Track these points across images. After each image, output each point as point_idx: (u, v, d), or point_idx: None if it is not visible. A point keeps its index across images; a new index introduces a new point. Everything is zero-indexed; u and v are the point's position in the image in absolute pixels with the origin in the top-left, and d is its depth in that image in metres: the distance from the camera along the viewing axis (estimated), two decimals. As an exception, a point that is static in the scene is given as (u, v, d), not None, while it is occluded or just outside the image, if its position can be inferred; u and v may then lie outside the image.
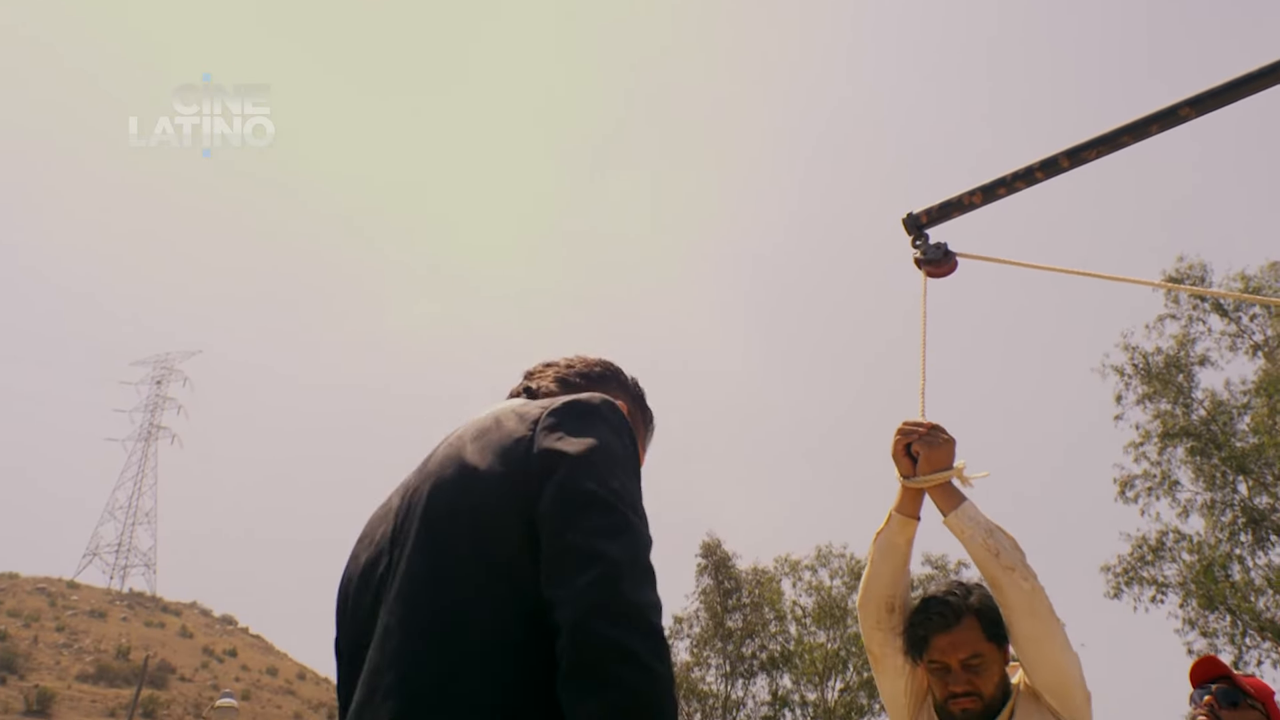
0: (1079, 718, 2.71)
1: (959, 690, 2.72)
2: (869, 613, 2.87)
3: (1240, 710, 3.34)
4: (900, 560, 2.83)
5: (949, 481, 2.77)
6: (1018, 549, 2.69)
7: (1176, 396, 25.85)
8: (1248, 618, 24.82)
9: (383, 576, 1.70)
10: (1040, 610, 2.66)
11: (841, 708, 28.51)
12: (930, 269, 3.17)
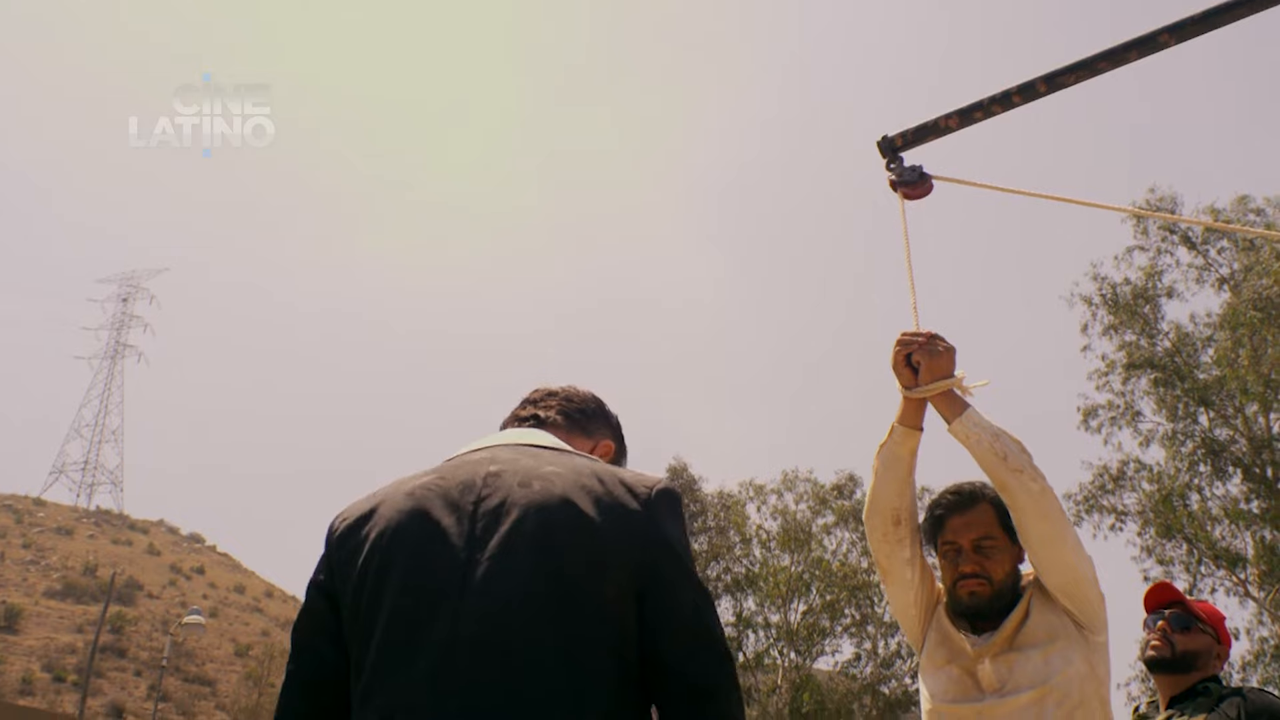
0: (1095, 618, 2.71)
1: (968, 570, 2.73)
2: (875, 525, 2.85)
3: (1192, 634, 3.41)
4: (904, 472, 2.81)
5: (951, 390, 2.74)
6: (1025, 451, 2.67)
7: (1142, 328, 26.03)
8: (1204, 546, 25.23)
9: (458, 576, 1.82)
10: (1051, 512, 2.65)
11: (804, 629, 28.88)
12: (906, 191, 3.16)
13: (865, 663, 29.04)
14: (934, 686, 2.79)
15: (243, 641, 66.48)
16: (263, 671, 55.18)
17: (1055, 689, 2.60)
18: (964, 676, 2.73)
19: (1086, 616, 2.70)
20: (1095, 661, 2.68)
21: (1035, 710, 2.59)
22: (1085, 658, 2.66)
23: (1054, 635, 2.67)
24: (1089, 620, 2.70)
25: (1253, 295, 24.13)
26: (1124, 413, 26.03)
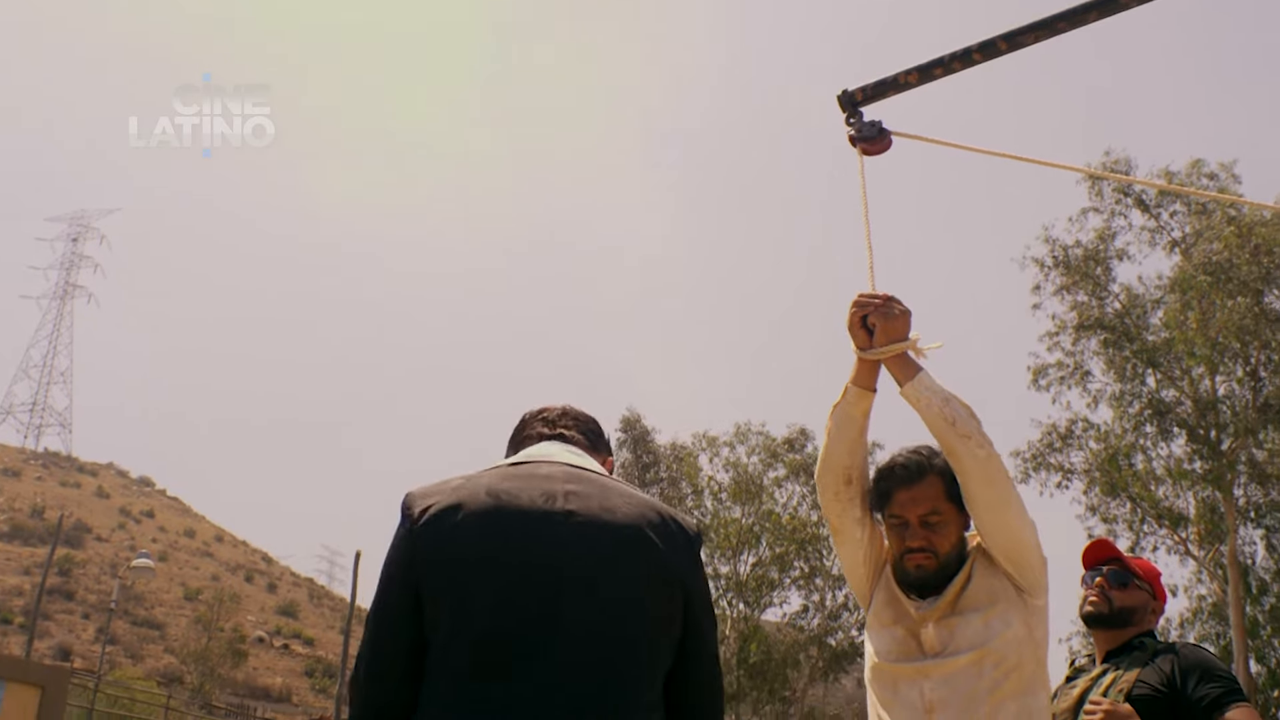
0: (1035, 582, 2.76)
1: (915, 545, 2.76)
2: (827, 484, 2.89)
3: (1129, 590, 3.47)
4: (857, 432, 2.84)
5: (905, 353, 2.77)
6: (974, 417, 2.71)
7: (1093, 289, 26.23)
8: (1147, 505, 25.61)
9: (560, 584, 2.03)
10: (997, 477, 2.69)
11: (754, 581, 29.12)
12: (865, 146, 3.16)
13: (813, 615, 29.36)
14: (878, 645, 2.86)
15: (192, 586, 66.25)
16: (212, 616, 55.06)
17: (993, 651, 2.66)
18: (908, 638, 2.79)
19: (1027, 580, 2.75)
20: (1034, 624, 2.74)
21: (974, 671, 2.66)
22: (1024, 621, 2.72)
23: (995, 599, 2.73)
24: (1029, 584, 2.75)
25: (1203, 259, 24.38)
26: (1073, 373, 26.28)
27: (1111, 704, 3.14)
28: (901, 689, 2.75)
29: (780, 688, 28.15)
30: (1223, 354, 24.51)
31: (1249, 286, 23.81)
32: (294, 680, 59.13)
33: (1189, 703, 3.15)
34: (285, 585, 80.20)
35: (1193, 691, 3.16)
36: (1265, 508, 25.26)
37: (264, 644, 62.04)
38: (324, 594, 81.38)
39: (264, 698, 52.49)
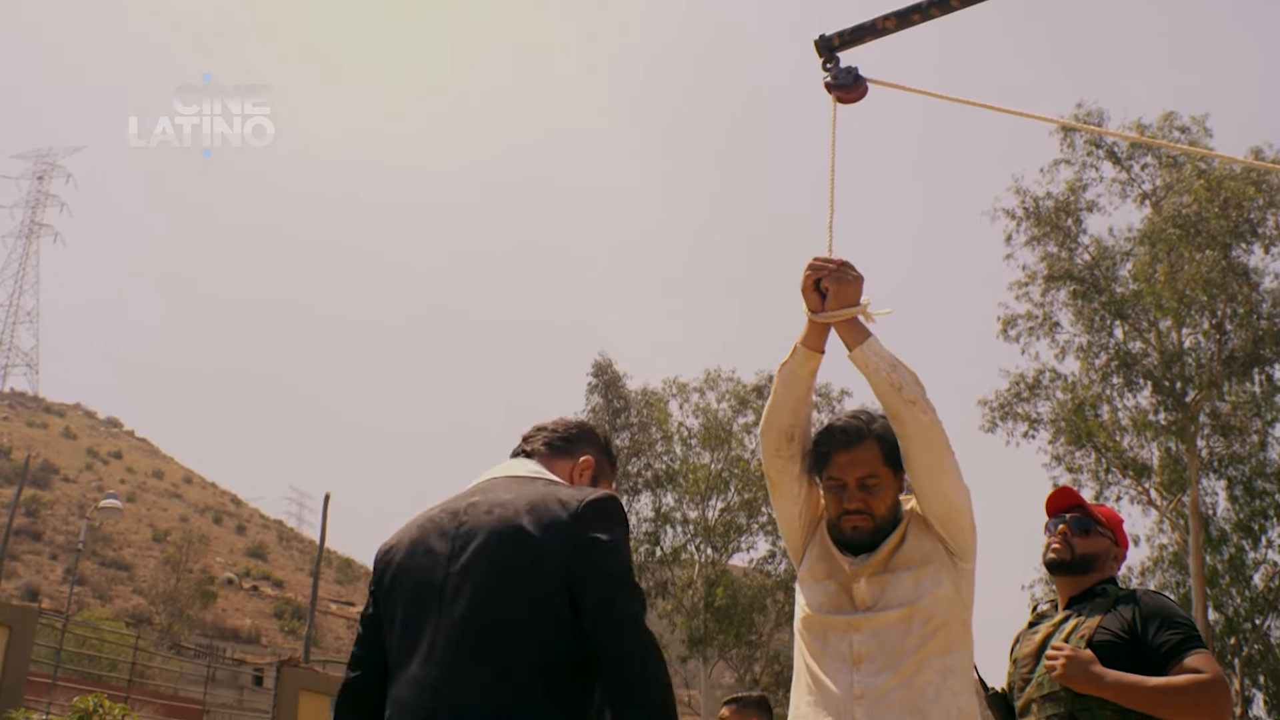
0: (965, 546, 2.84)
1: (852, 507, 2.83)
2: (769, 440, 2.94)
3: (1092, 537, 3.51)
4: (802, 391, 2.90)
5: (855, 317, 2.81)
6: (919, 384, 2.77)
7: (1063, 240, 26.32)
8: (1111, 455, 25.88)
9: (441, 585, 2.37)
10: (937, 443, 2.76)
11: (721, 526, 29.29)
12: (840, 94, 3.15)
13: (779, 560, 29.57)
14: (810, 597, 2.93)
15: (161, 527, 66.20)
16: (181, 557, 55.07)
17: (922, 609, 2.75)
18: (840, 592, 2.86)
19: (958, 545, 2.83)
20: (962, 587, 2.83)
21: (902, 627, 2.74)
22: (953, 582, 2.81)
23: (927, 559, 2.81)
24: (960, 548, 2.84)
25: (1173, 212, 24.49)
26: (1042, 323, 26.43)
27: (1073, 649, 3.19)
28: (831, 640, 2.83)
29: (746, 632, 28.41)
30: (1189, 307, 24.69)
31: (1217, 240, 23.97)
32: (263, 622, 59.32)
33: (1149, 649, 3.20)
34: (254, 527, 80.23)
35: (1153, 638, 3.21)
36: (1227, 459, 25.58)
37: (233, 585, 62.14)
38: (293, 536, 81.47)
39: (233, 639, 52.64)
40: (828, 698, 2.78)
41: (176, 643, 42.54)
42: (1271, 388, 25.23)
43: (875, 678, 2.71)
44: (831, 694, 2.77)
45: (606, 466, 2.82)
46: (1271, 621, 25.61)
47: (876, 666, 2.72)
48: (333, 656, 46.47)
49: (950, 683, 2.73)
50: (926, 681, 2.70)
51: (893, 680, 2.70)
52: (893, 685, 2.69)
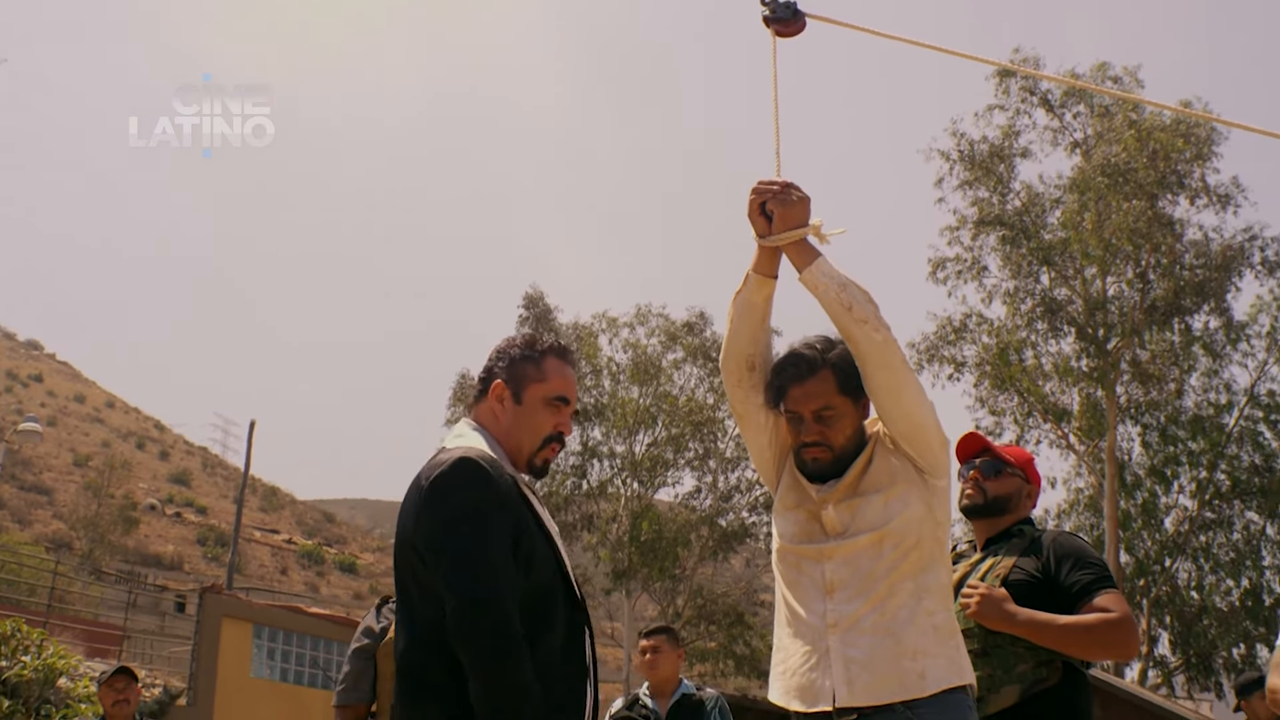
0: (935, 462, 2.84)
1: (810, 440, 2.82)
2: (730, 371, 2.92)
3: (1003, 479, 3.57)
4: (758, 319, 2.87)
5: (804, 239, 2.78)
6: (871, 302, 2.74)
7: (995, 185, 26.52)
8: (1033, 400, 26.31)
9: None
10: (893, 362, 2.74)
11: (648, 460, 29.40)
12: (778, 28, 3.12)
13: (705, 496, 29.78)
14: (783, 528, 2.93)
15: (82, 452, 65.26)
16: (102, 482, 54.35)
17: (893, 532, 2.75)
18: (810, 520, 2.86)
19: (927, 462, 2.83)
20: (934, 504, 2.83)
21: (873, 552, 2.75)
22: (924, 500, 2.80)
23: (894, 480, 2.80)
24: (929, 465, 2.83)
25: (1102, 161, 24.74)
26: (970, 267, 26.67)
27: (988, 588, 3.26)
28: (805, 570, 2.84)
29: (670, 565, 28.64)
30: (1115, 256, 25.04)
31: (1144, 190, 24.27)
32: (186, 548, 58.86)
33: (1061, 588, 3.28)
34: (178, 453, 79.32)
35: (1065, 577, 3.29)
36: (1144, 406, 26.10)
37: (155, 512, 61.53)
38: (218, 463, 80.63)
39: (155, 565, 52.21)
40: (803, 628, 2.80)
41: (97, 568, 42.07)
42: (1190, 337, 25.73)
43: (848, 605, 2.73)
44: (807, 624, 2.79)
45: (522, 370, 2.72)
46: (1180, 564, 26.30)
47: (849, 594, 2.73)
48: (256, 584, 46.33)
49: (925, 603, 2.74)
50: (899, 604, 2.72)
51: (865, 607, 2.71)
52: (865, 611, 2.71)
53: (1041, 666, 3.21)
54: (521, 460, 2.68)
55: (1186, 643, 25.64)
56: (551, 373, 2.73)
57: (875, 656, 2.67)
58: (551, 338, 2.81)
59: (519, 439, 2.68)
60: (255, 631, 16.15)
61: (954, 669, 2.73)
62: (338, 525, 78.86)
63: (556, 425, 2.71)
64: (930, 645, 2.70)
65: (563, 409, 2.72)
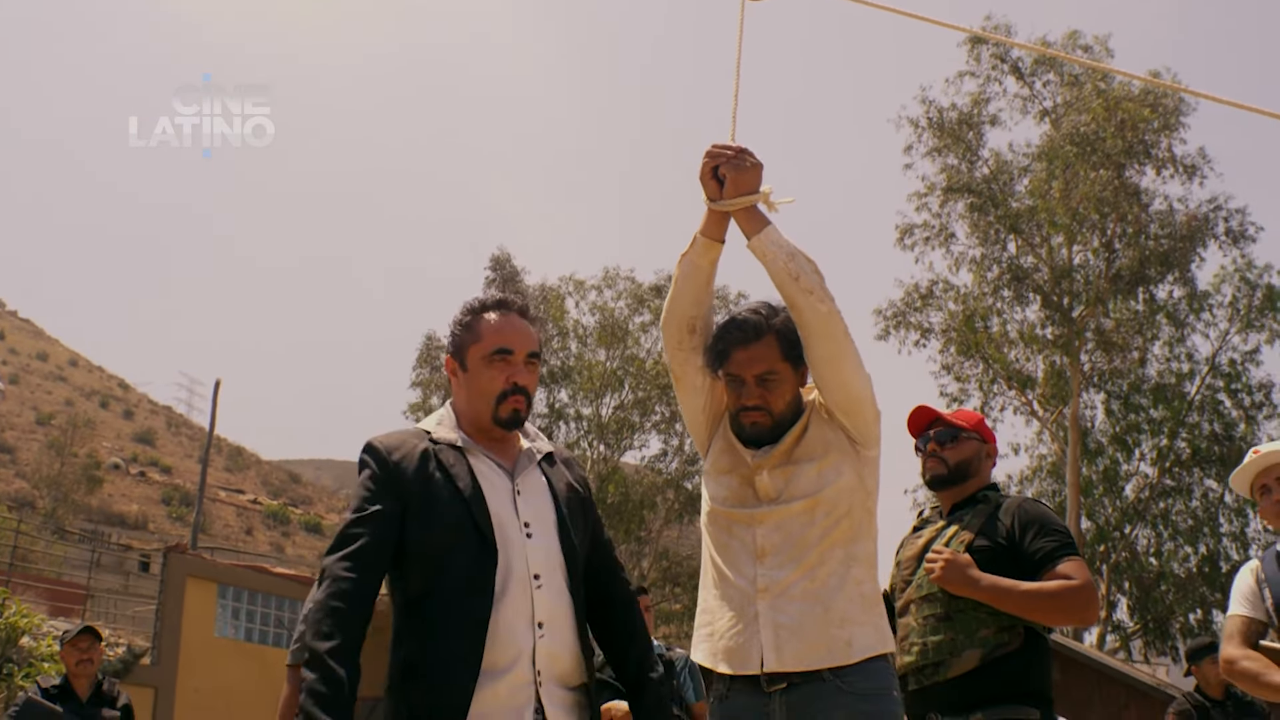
0: (868, 434, 2.85)
1: (750, 404, 2.82)
2: (671, 332, 2.93)
3: (960, 444, 3.59)
4: (703, 282, 2.87)
5: (754, 206, 2.78)
6: (817, 273, 2.75)
7: (964, 153, 26.57)
8: (998, 367, 26.48)
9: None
10: (835, 333, 2.74)
11: (614, 423, 29.44)
12: None
13: (671, 459, 29.86)
14: (715, 491, 2.94)
15: (45, 410, 64.78)
16: (65, 440, 54.00)
17: (825, 500, 2.77)
18: (743, 485, 2.87)
19: (861, 432, 2.84)
20: (865, 475, 2.85)
21: (805, 519, 2.77)
22: (855, 471, 2.82)
23: (828, 449, 2.82)
24: (863, 436, 2.85)
25: (1071, 130, 24.82)
26: (938, 234, 26.75)
27: (952, 553, 3.29)
28: (736, 533, 2.85)
29: (636, 528, 28.75)
30: (1081, 224, 25.17)
31: (1112, 160, 24.38)
32: (150, 508, 58.62)
33: (1025, 554, 3.31)
34: (142, 413, 78.87)
35: (1029, 544, 3.32)
36: (1108, 374, 26.32)
37: (120, 471, 61.20)
38: (183, 422, 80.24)
39: (119, 524, 51.94)
40: (732, 591, 2.81)
41: (60, 527, 41.84)
42: (1154, 307, 25.93)
43: (779, 571, 2.74)
44: (736, 587, 2.80)
45: (461, 339, 2.78)
46: (1139, 531, 26.63)
47: (780, 560, 2.75)
48: (221, 544, 46.22)
49: (854, 571, 2.77)
50: (830, 572, 2.74)
51: (796, 573, 2.73)
52: (796, 578, 2.72)
53: (1003, 631, 3.25)
54: (486, 421, 2.71)
55: (1144, 608, 25.99)
56: (486, 330, 2.74)
57: (804, 623, 2.70)
58: (491, 294, 2.83)
59: (474, 405, 2.73)
60: (220, 591, 16.13)
61: (879, 637, 2.77)
62: (303, 485, 78.75)
63: (507, 378, 2.70)
64: (858, 613, 2.74)
65: (508, 360, 2.72)
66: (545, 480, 2.75)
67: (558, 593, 2.61)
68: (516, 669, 2.50)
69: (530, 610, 2.55)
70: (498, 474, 2.68)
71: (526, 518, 2.64)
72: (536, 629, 2.54)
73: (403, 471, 2.60)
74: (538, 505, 2.69)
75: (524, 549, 2.59)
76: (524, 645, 2.52)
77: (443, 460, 2.65)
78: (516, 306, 2.80)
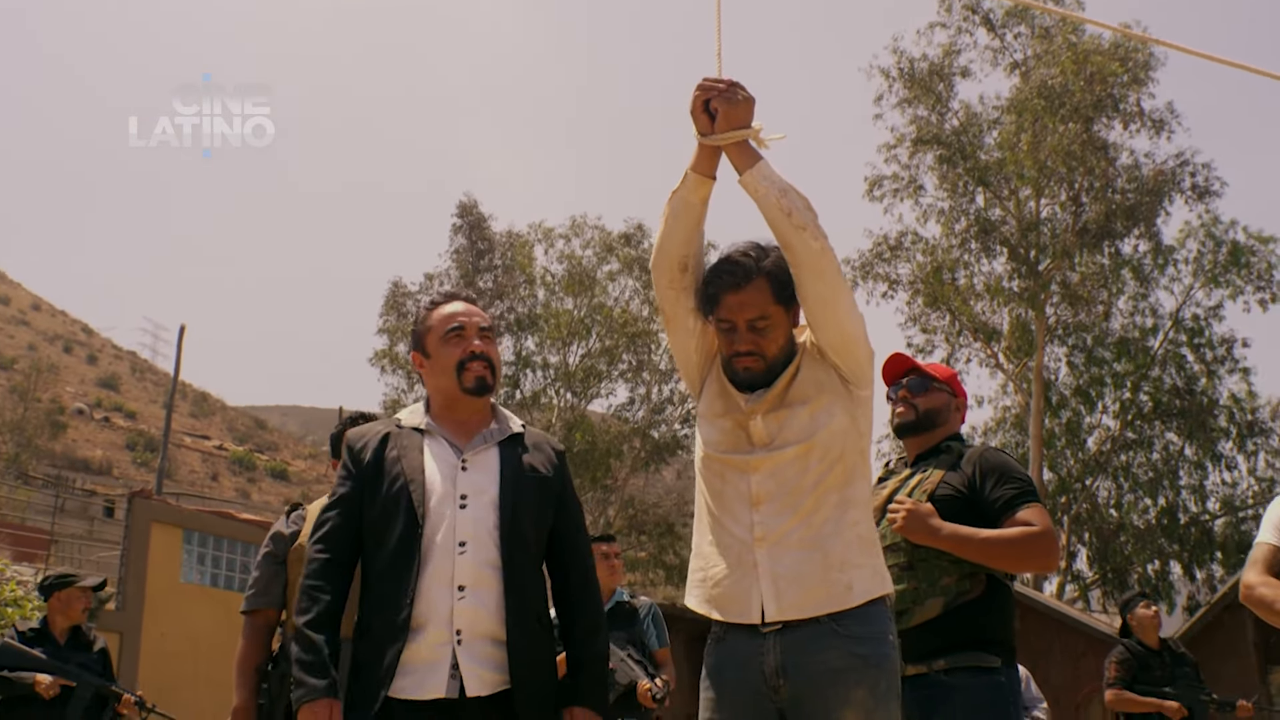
0: (861, 373, 2.82)
1: (743, 349, 2.79)
2: (662, 271, 2.86)
3: (931, 394, 3.63)
4: (694, 219, 2.81)
5: (746, 141, 2.73)
6: (810, 210, 2.70)
7: (934, 104, 26.56)
8: (965, 319, 26.62)
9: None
10: (828, 271, 2.71)
11: (581, 372, 29.43)
12: None
13: (638, 407, 29.90)
14: (708, 435, 2.92)
15: (7, 355, 64.15)
16: (29, 385, 53.57)
17: (819, 444, 2.75)
18: (736, 430, 2.85)
19: (853, 372, 2.82)
20: (858, 416, 2.83)
21: (799, 464, 2.75)
22: (848, 412, 2.80)
23: (821, 390, 2.80)
24: (855, 376, 2.82)
25: (1040, 83, 24.82)
26: (907, 186, 26.79)
27: (913, 503, 3.32)
28: (730, 480, 2.83)
29: (603, 476, 28.82)
30: (1049, 178, 25.23)
31: (1080, 113, 24.42)
32: (115, 453, 58.33)
33: (986, 502, 3.34)
34: (106, 358, 78.25)
35: (990, 492, 3.35)
36: (1073, 327, 26.52)
37: (83, 416, 60.80)
38: (147, 368, 79.65)
39: (83, 469, 51.70)
40: (729, 539, 2.80)
41: (24, 472, 41.59)
42: (1119, 261, 26.08)
43: (775, 519, 2.73)
44: (732, 535, 2.79)
45: (418, 335, 3.09)
46: (1100, 483, 26.94)
47: (776, 508, 2.74)
48: (186, 489, 46.04)
49: (850, 514, 2.76)
50: (825, 517, 2.73)
51: (793, 520, 2.72)
52: (793, 525, 2.72)
53: (965, 579, 3.29)
54: (455, 395, 3.00)
55: (1104, 558, 26.34)
56: (436, 318, 3.06)
57: (803, 571, 2.70)
58: (438, 292, 3.20)
59: (441, 384, 3.02)
60: (185, 537, 16.09)
61: (878, 579, 2.77)
62: (269, 432, 78.45)
63: (464, 349, 2.99)
64: (856, 556, 2.74)
65: (462, 335, 3.02)
66: (500, 457, 2.98)
67: (484, 558, 2.82)
68: (433, 628, 2.75)
69: (451, 574, 2.78)
70: (447, 451, 2.95)
71: (464, 490, 2.89)
72: (456, 592, 2.77)
73: (362, 458, 2.95)
74: (481, 479, 2.92)
75: (454, 519, 2.84)
76: (442, 607, 2.76)
77: (399, 444, 2.95)
78: (463, 295, 3.14)
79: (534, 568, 2.94)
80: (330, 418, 43.22)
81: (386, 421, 3.08)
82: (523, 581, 2.86)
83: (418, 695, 2.71)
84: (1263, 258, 25.82)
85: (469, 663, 2.74)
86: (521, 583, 2.85)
